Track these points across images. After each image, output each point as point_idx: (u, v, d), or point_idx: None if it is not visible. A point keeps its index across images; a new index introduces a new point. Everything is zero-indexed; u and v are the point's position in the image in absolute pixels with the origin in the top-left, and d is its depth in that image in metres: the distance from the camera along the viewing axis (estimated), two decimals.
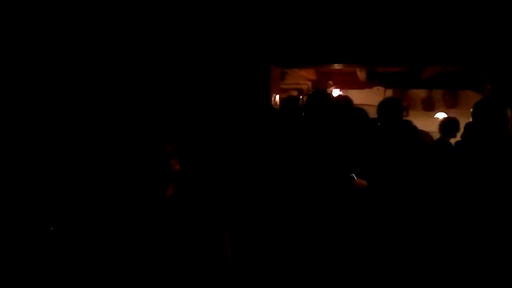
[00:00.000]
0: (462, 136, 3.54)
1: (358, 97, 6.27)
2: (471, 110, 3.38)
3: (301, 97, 7.73)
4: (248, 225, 2.69)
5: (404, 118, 3.71)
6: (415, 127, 3.64)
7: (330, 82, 8.10)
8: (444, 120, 5.08)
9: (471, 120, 3.54)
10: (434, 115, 7.50)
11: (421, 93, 8.07)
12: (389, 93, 7.93)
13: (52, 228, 2.25)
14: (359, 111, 3.51)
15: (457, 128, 4.83)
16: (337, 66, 5.20)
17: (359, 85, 7.98)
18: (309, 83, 8.67)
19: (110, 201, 1.44)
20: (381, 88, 8.11)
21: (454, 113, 6.35)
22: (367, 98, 6.63)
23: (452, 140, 4.71)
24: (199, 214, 1.44)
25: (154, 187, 1.36)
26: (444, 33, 4.23)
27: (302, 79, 8.34)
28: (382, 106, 3.53)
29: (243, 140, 3.73)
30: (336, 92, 7.63)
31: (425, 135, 4.01)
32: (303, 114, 3.87)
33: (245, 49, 4.40)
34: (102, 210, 1.43)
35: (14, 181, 3.03)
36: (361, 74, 7.44)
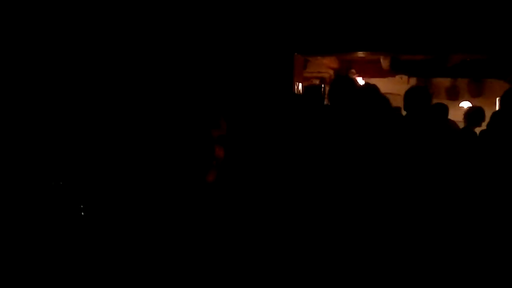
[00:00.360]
0: (488, 125, 3.50)
1: (381, 85, 6.22)
2: (497, 99, 3.33)
3: (323, 85, 7.71)
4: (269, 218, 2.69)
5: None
6: (445, 116, 3.54)
7: (353, 70, 8.05)
8: (469, 110, 5.02)
9: (496, 109, 3.50)
10: (459, 104, 7.41)
11: (445, 81, 7.97)
12: (413, 81, 7.85)
13: (83, 213, 2.31)
14: (383, 100, 3.45)
15: (482, 118, 4.76)
16: (360, 54, 5.18)
17: (382, 74, 7.92)
18: (331, 72, 8.63)
19: (148, 181, 1.47)
20: (404, 77, 8.04)
21: (479, 102, 6.27)
22: (390, 87, 6.58)
23: (477, 130, 4.67)
24: (238, 202, 1.47)
25: (195, 170, 1.38)
26: (470, 20, 4.17)
27: (324, 67, 8.31)
28: (409, 94, 3.42)
29: (270, 130, 3.75)
30: (359, 81, 7.59)
31: (451, 124, 3.97)
32: (326, 102, 3.83)
33: (269, 38, 4.40)
34: (139, 190, 1.47)
35: (55, 165, 3.11)
36: (385, 62, 7.38)
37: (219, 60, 4.34)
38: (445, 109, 4.06)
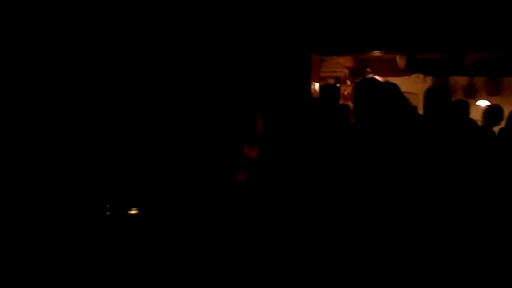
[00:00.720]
0: (507, 123, 3.47)
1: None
2: None
3: (338, 85, 7.70)
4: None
5: None
6: (466, 113, 3.48)
7: (368, 69, 8.02)
8: (488, 108, 4.99)
9: None
10: (476, 102, 7.35)
11: (462, 80, 7.89)
12: (429, 80, 7.80)
13: (108, 213, 2.37)
14: (403, 99, 3.42)
15: (501, 116, 4.73)
16: (377, 53, 5.15)
17: (398, 72, 7.86)
18: (346, 71, 8.61)
19: (177, 177, 1.49)
20: (420, 75, 7.97)
21: (496, 101, 6.21)
22: (406, 86, 6.54)
23: (496, 129, 4.63)
24: (270, 203, 1.48)
25: (222, 168, 1.39)
26: (487, 18, 4.13)
27: (339, 66, 8.30)
28: (430, 93, 3.35)
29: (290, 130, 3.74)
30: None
31: (471, 122, 3.94)
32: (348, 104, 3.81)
33: (286, 38, 4.41)
34: (168, 189, 1.49)
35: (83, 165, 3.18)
36: (401, 61, 7.34)
37: (240, 61, 4.37)
38: (465, 106, 4.00)
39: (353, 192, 2.68)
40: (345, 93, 7.70)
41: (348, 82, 8.39)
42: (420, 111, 5.10)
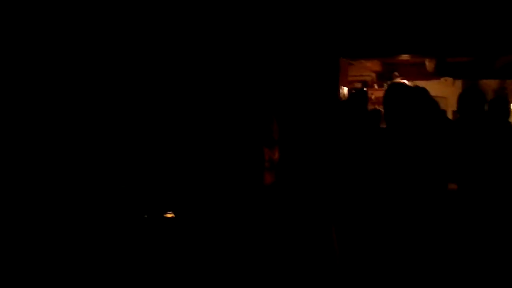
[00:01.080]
0: None
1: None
2: None
3: (365, 89, 7.67)
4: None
5: None
6: (506, 113, 3.38)
7: (396, 73, 7.96)
8: None
9: None
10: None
11: (493, 83, 7.74)
12: (458, 83, 7.69)
13: (146, 216, 2.43)
14: (433, 104, 3.38)
15: None
16: (405, 57, 5.13)
17: (426, 76, 7.77)
18: (373, 75, 8.57)
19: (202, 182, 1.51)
20: (449, 79, 7.86)
21: None
22: (434, 89, 6.47)
23: None
24: (301, 206, 1.47)
25: (248, 173, 1.40)
26: None
27: (366, 70, 8.26)
28: (464, 97, 3.31)
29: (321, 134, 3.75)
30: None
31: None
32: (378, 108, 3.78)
33: (315, 42, 4.43)
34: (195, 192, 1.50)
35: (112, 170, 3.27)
36: (430, 65, 7.26)
37: (268, 65, 4.40)
38: (505, 103, 3.87)
39: (384, 197, 2.67)
40: (373, 97, 7.65)
41: (376, 86, 8.35)
42: (449, 115, 5.05)
